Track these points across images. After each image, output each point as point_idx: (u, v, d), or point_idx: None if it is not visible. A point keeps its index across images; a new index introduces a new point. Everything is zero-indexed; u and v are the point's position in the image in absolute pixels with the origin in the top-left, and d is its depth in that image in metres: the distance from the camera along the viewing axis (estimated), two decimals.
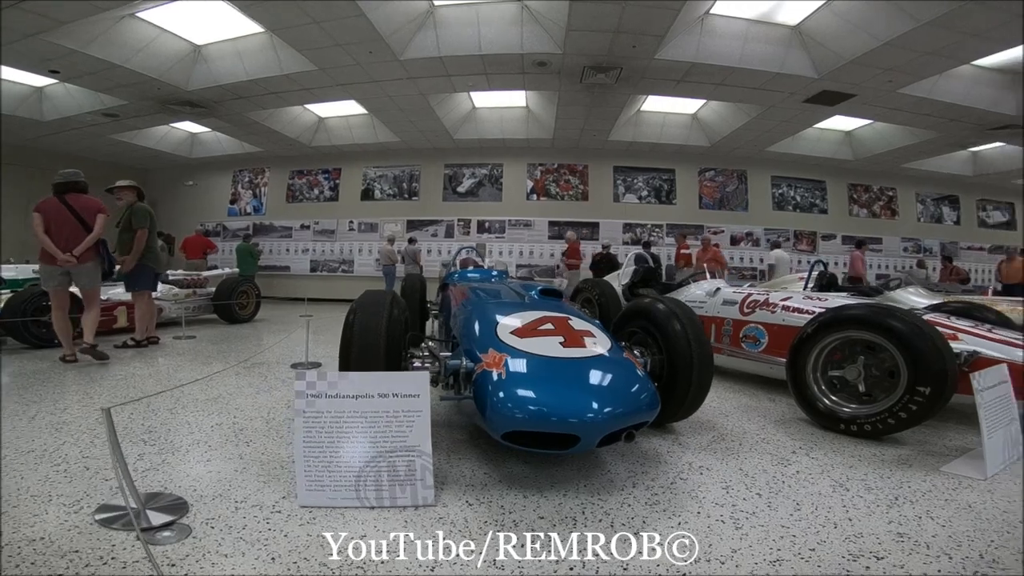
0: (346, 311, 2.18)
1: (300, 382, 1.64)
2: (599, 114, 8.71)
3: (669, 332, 2.50)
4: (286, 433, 2.39)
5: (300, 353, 4.37)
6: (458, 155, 11.48)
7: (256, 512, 1.60)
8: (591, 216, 11.33)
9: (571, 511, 1.71)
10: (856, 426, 2.62)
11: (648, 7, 5.24)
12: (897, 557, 1.51)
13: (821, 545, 1.57)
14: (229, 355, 4.57)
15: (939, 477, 2.14)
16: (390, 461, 1.60)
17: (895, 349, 2.50)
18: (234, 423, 2.54)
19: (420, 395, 1.65)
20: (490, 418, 1.71)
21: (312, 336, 5.79)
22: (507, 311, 2.38)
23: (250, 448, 2.19)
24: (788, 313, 3.64)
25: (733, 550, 1.52)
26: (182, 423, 2.53)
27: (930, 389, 2.36)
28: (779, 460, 2.31)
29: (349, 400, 1.61)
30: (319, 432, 1.60)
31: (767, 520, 1.72)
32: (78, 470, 1.90)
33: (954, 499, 1.93)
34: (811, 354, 2.83)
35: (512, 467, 2.05)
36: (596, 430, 1.72)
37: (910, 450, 2.48)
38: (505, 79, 7.26)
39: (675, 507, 1.78)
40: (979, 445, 2.37)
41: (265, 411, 2.77)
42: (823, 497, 1.92)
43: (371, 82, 7.39)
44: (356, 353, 1.96)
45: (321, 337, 5.49)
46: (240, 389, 3.24)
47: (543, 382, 1.79)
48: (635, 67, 6.58)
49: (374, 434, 1.61)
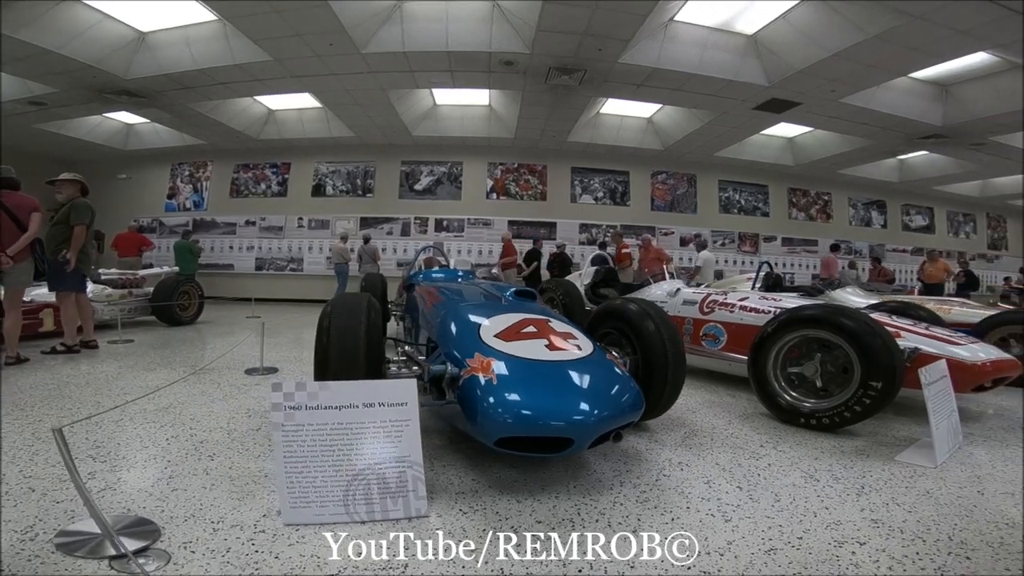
0: (303, 312, 2.07)
1: (276, 393, 1.52)
2: (560, 115, 8.79)
3: (644, 333, 2.56)
4: (252, 445, 2.24)
5: (253, 358, 4.12)
6: (416, 152, 11.27)
7: (238, 533, 1.48)
8: (549, 216, 11.44)
9: (567, 512, 1.70)
10: (815, 419, 2.77)
11: (618, 11, 5.32)
12: (877, 542, 1.61)
13: (807, 533, 1.64)
14: (174, 361, 4.25)
15: (895, 466, 2.29)
16: (379, 473, 1.53)
17: (849, 347, 2.66)
18: (192, 435, 2.35)
19: (408, 403, 1.59)
20: (481, 424, 1.68)
21: (258, 338, 5.52)
22: (487, 313, 2.34)
23: (215, 462, 2.03)
24: (746, 312, 3.83)
25: (728, 542, 1.57)
26: (133, 437, 2.31)
27: (881, 384, 2.53)
28: (750, 454, 2.40)
29: (332, 411, 1.52)
30: (301, 446, 1.50)
31: (752, 512, 1.78)
32: (21, 492, 1.70)
33: (913, 486, 2.07)
34: (771, 352, 2.97)
35: (500, 472, 2.01)
36: (589, 432, 1.72)
37: (864, 441, 2.65)
38: (470, 77, 7.18)
39: (665, 503, 1.82)
40: (928, 435, 2.57)
41: (224, 421, 2.58)
42: (797, 488, 2.01)
43: (329, 75, 7.12)
44: (335, 360, 1.84)
45: (273, 340, 5.22)
46: (192, 398, 3.01)
47: (534, 386, 1.77)
48: (599, 70, 6.68)
49: (361, 446, 1.53)
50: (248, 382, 3.45)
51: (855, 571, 1.44)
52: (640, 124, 10.32)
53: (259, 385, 3.35)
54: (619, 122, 10.16)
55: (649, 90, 7.35)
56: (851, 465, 2.29)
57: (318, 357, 1.90)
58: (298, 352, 4.78)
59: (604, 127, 10.18)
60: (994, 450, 2.57)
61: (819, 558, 1.50)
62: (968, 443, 2.65)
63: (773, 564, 1.46)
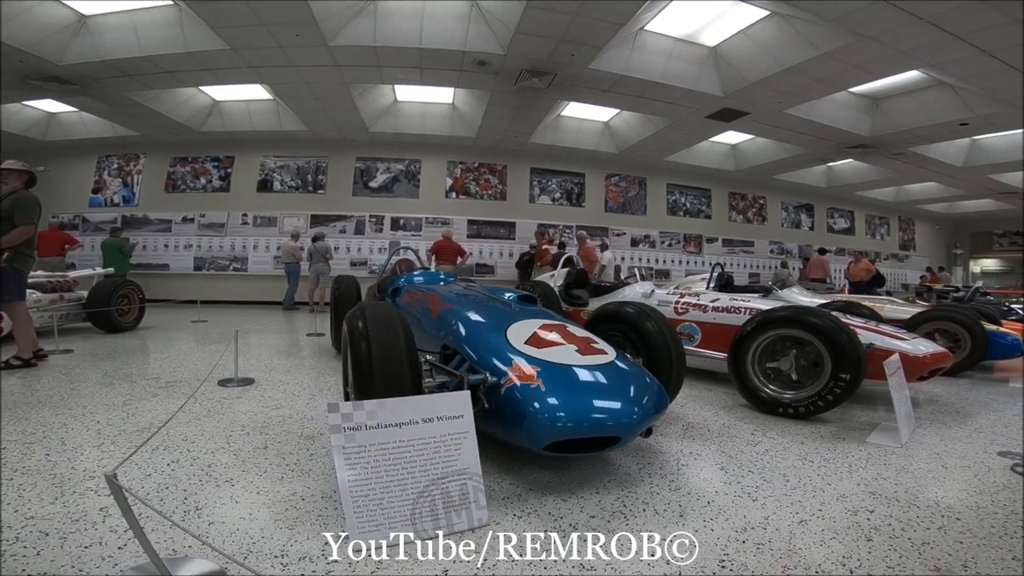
0: (253, 314, 1.97)
1: (334, 415, 1.47)
2: (525, 117, 8.87)
3: (647, 333, 2.73)
4: (268, 466, 2.07)
5: (221, 367, 3.84)
6: (373, 148, 10.96)
7: (311, 566, 1.40)
8: (508, 216, 11.49)
9: (613, 506, 1.79)
10: (792, 409, 3.03)
11: (597, 18, 5.40)
12: (883, 510, 1.84)
13: (824, 506, 1.85)
14: (130, 373, 3.83)
15: (868, 447, 2.57)
16: (443, 488, 1.53)
17: (820, 343, 2.93)
18: (194, 459, 2.13)
19: (464, 415, 1.60)
20: (532, 430, 1.73)
21: (212, 345, 5.20)
22: (507, 320, 2.37)
23: (237, 488, 1.86)
24: (718, 313, 4.11)
25: (764, 518, 1.74)
26: (128, 465, 2.05)
27: (850, 376, 2.82)
28: (747, 442, 2.61)
29: (393, 429, 1.50)
30: (365, 468, 1.46)
31: (771, 492, 1.97)
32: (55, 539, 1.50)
33: (890, 463, 2.34)
34: (749, 350, 3.21)
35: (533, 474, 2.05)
36: (634, 430, 1.83)
37: (836, 427, 2.93)
38: (440, 75, 7.08)
39: (696, 490, 1.95)
40: (886, 420, 2.92)
41: (222, 440, 2.38)
42: (797, 469, 2.23)
43: (289, 66, 6.79)
44: (380, 378, 1.75)
45: (222, 346, 4.92)
46: (174, 415, 2.75)
47: (579, 390, 1.84)
48: (568, 74, 6.80)
49: (423, 462, 1.52)
50: (228, 395, 3.21)
51: (876, 535, 1.65)
52: (598, 128, 10.60)
53: (240, 398, 3.14)
54: (579, 125, 10.39)
55: (613, 96, 7.57)
56: (833, 447, 2.55)
57: (358, 374, 1.81)
58: (268, 359, 4.47)
59: (564, 129, 10.38)
60: (941, 431, 2.91)
61: (843, 524, 1.71)
62: (918, 426, 2.98)
63: (809, 533, 1.65)
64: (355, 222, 11.11)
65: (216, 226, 10.86)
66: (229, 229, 10.87)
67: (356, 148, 10.94)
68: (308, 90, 7.73)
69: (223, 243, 10.86)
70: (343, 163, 11.09)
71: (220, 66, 6.86)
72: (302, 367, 4.19)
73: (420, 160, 11.21)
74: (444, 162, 11.30)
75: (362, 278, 10.11)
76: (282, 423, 2.66)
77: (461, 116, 9.76)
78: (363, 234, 11.12)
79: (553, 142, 10.55)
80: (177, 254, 10.84)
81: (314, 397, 3.22)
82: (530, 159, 11.55)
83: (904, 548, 1.58)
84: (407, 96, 9.38)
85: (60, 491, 1.78)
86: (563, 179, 12.01)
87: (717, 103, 7.59)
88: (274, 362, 4.37)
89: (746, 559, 1.49)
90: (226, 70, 7.02)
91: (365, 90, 8.31)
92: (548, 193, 11.99)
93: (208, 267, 10.82)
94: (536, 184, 11.87)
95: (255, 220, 10.94)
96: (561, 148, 10.85)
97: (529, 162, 11.61)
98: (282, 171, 11.12)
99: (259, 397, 3.17)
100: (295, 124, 9.69)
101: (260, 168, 11.03)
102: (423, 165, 11.26)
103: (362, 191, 11.21)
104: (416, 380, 1.83)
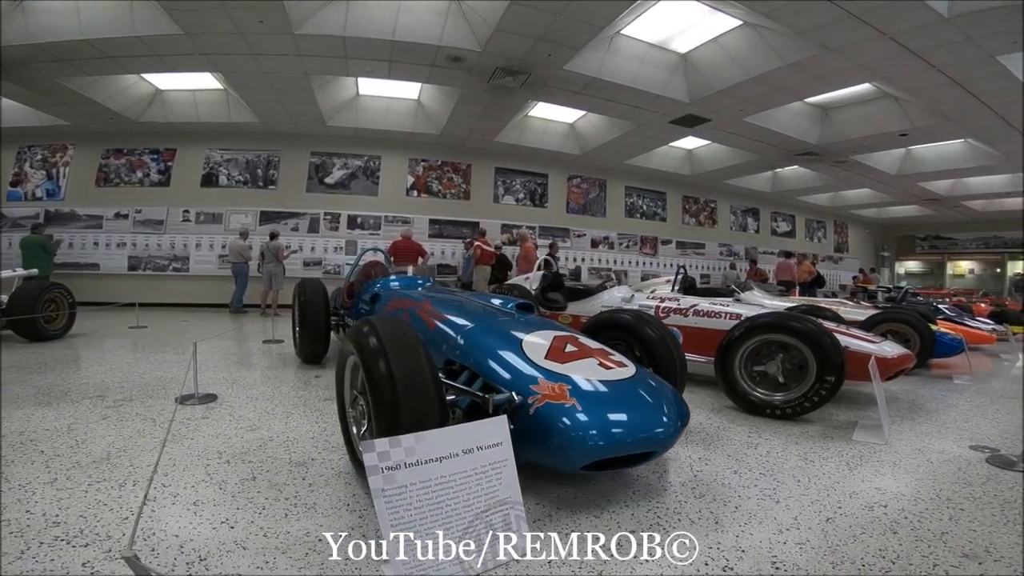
0: (197, 318, 1.78)
1: (370, 454, 1.30)
2: (494, 115, 8.75)
3: (649, 341, 2.74)
4: (263, 500, 1.79)
5: (177, 382, 3.45)
6: (330, 143, 10.49)
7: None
8: (472, 215, 11.32)
9: (646, 517, 1.76)
10: (780, 410, 3.12)
11: (579, 20, 5.37)
12: (895, 504, 1.92)
13: (842, 503, 1.91)
14: (68, 390, 3.26)
15: (856, 445, 2.67)
16: (487, 521, 1.41)
17: (806, 347, 3.03)
18: (175, 496, 1.80)
19: (503, 443, 1.47)
20: (568, 451, 1.65)
21: (158, 355, 4.69)
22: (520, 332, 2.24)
23: (238, 531, 1.59)
24: (699, 317, 4.18)
25: (794, 518, 1.77)
26: (93, 504, 1.71)
27: (834, 378, 2.94)
28: (747, 444, 2.65)
29: (433, 465, 1.35)
30: (408, 510, 1.31)
31: (789, 492, 2.01)
32: None
33: (882, 459, 2.44)
34: (736, 355, 3.28)
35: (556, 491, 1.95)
36: (669, 443, 1.81)
37: (821, 426, 3.04)
38: (411, 69, 6.84)
39: (721, 495, 1.96)
40: (868, 418, 3.06)
41: (201, 471, 2.04)
42: (803, 469, 2.27)
43: (248, 54, 6.34)
44: (407, 407, 1.55)
45: (170, 356, 4.51)
46: (132, 441, 2.34)
47: (615, 407, 1.78)
48: (542, 74, 6.75)
49: (466, 496, 1.39)
50: (191, 415, 2.80)
51: (900, 528, 1.72)
52: (563, 129, 10.64)
53: (207, 419, 2.75)
54: (544, 125, 10.39)
55: (584, 98, 7.60)
56: (827, 446, 2.63)
57: (380, 403, 1.59)
58: (227, 371, 3.97)
59: (530, 129, 10.34)
60: (913, 427, 3.07)
61: (866, 520, 1.78)
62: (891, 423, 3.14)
63: (839, 529, 1.70)
64: (309, 220, 10.61)
65: (154, 223, 10.06)
66: (169, 226, 10.09)
67: (312, 142, 10.44)
68: (265, 80, 7.26)
69: (161, 241, 10.08)
70: (297, 158, 10.55)
71: (170, 52, 6.33)
72: (268, 379, 3.80)
73: (380, 156, 10.85)
74: (406, 159, 10.99)
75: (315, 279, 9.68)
76: (264, 447, 2.35)
77: (426, 112, 9.51)
78: (317, 232, 10.64)
79: (518, 142, 10.50)
80: (109, 253, 9.95)
81: (291, 415, 2.88)
82: (495, 158, 11.45)
83: (928, 538, 1.66)
84: (370, 90, 9.04)
85: (23, 544, 1.46)
86: (527, 179, 11.99)
87: (682, 109, 7.78)
88: (234, 374, 3.93)
89: (795, 559, 1.51)
90: (176, 56, 6.47)
91: (327, 82, 7.92)
92: (512, 193, 11.93)
93: (144, 267, 10.00)
94: (500, 184, 11.79)
95: (198, 217, 10.21)
96: (526, 148, 10.82)
97: (494, 161, 11.51)
98: (229, 165, 10.44)
99: (228, 416, 2.82)
100: (246, 116, 9.11)
101: (205, 162, 10.30)
102: (383, 162, 10.91)
103: (317, 187, 10.72)
104: (443, 406, 1.65)
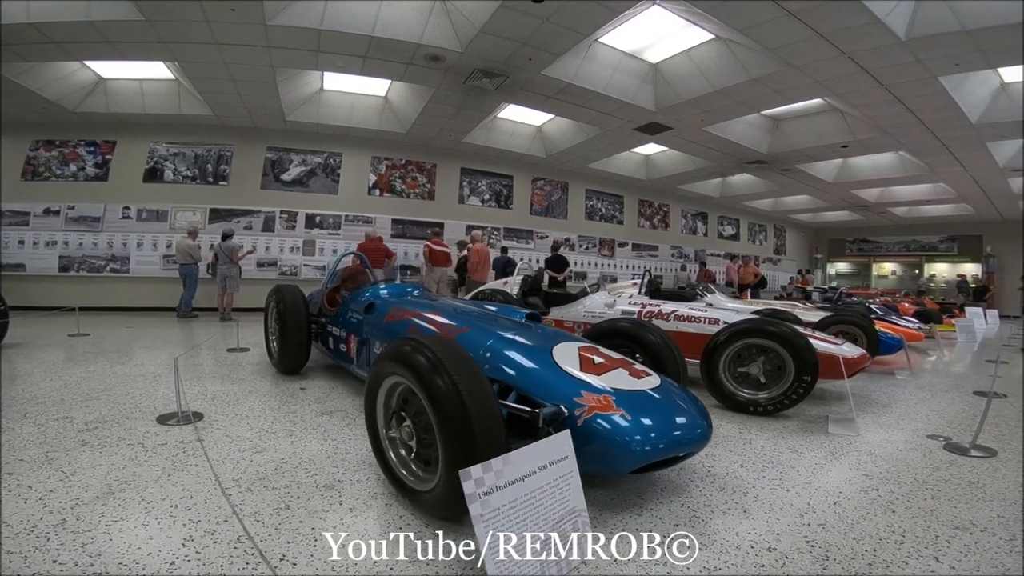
0: (142, 323, 1.75)
1: (468, 482, 1.32)
2: (465, 116, 8.70)
3: (651, 345, 2.91)
4: (283, 530, 1.64)
5: (141, 396, 3.22)
6: (287, 138, 10.05)
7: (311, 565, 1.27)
8: (436, 216, 11.19)
9: (684, 513, 1.87)
10: (762, 408, 3.37)
11: (564, 26, 5.45)
12: (885, 487, 2.15)
13: (842, 488, 2.13)
14: (26, 411, 2.89)
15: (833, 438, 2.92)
16: (561, 530, 1.48)
17: (784, 350, 3.30)
18: (188, 538, 1.58)
19: (569, 456, 1.55)
20: (620, 457, 1.74)
21: (113, 367, 4.30)
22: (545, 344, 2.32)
23: (301, 567, 1.44)
24: (680, 321, 4.41)
25: (807, 503, 1.94)
26: (129, 544, 1.53)
27: (810, 377, 3.22)
28: (742, 441, 2.85)
29: (519, 485, 1.41)
30: (501, 530, 1.36)
31: (795, 482, 2.19)
32: None
33: (860, 449, 2.69)
34: (721, 358, 3.51)
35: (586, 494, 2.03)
36: (705, 443, 1.94)
37: (798, 421, 3.31)
38: (385, 67, 6.68)
39: (739, 489, 2.11)
40: (839, 412, 3.38)
41: (225, 501, 1.83)
42: (794, 460, 2.49)
43: (211, 44, 5.96)
44: (481, 431, 1.53)
45: (127, 368, 4.19)
46: (129, 471, 2.08)
47: (657, 414, 1.89)
48: (519, 78, 6.79)
49: (544, 510, 1.45)
50: (182, 437, 2.54)
51: (897, 507, 1.94)
52: (531, 131, 10.74)
53: (203, 441, 2.47)
54: (513, 127, 10.44)
55: (557, 103, 7.71)
56: (809, 439, 2.87)
57: (452, 430, 1.55)
58: (201, 385, 3.65)
59: (498, 131, 10.36)
60: (875, 420, 3.37)
61: (866, 501, 1.99)
62: None
63: (848, 510, 1.90)
64: (264, 218, 10.11)
65: (90, 220, 9.26)
66: (106, 224, 9.32)
67: (268, 137, 9.96)
68: (225, 71, 6.85)
69: (98, 240, 9.29)
70: (251, 153, 10.03)
71: (124, 39, 5.85)
72: (250, 393, 3.50)
73: (341, 154, 10.51)
74: (368, 157, 10.71)
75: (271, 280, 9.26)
76: (281, 471, 2.14)
77: (393, 110, 9.31)
78: (272, 231, 10.17)
79: (486, 143, 10.50)
80: (36, 252, 9.07)
81: (293, 434, 2.65)
82: (461, 159, 11.39)
83: (922, 515, 1.87)
84: (335, 85, 8.74)
85: None
86: (493, 180, 12.01)
87: (648, 117, 8.07)
88: (210, 389, 3.59)
89: (824, 537, 1.68)
90: (129, 44, 6.00)
91: (291, 76, 7.59)
92: (478, 194, 11.91)
93: (78, 268, 9.19)
94: (466, 184, 11.73)
95: (140, 214, 9.49)
96: (493, 149, 10.83)
97: (460, 162, 11.44)
98: (176, 159, 9.78)
99: (224, 438, 2.57)
100: (198, 108, 8.57)
101: (149, 155, 9.60)
102: (344, 159, 10.58)
103: (272, 184, 10.24)
104: (502, 421, 1.65)
